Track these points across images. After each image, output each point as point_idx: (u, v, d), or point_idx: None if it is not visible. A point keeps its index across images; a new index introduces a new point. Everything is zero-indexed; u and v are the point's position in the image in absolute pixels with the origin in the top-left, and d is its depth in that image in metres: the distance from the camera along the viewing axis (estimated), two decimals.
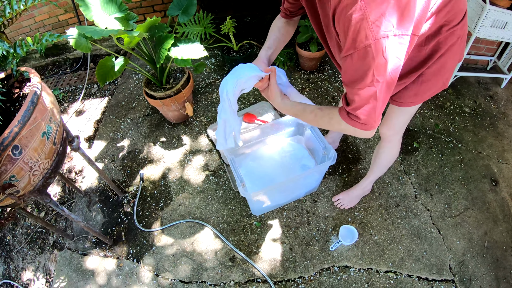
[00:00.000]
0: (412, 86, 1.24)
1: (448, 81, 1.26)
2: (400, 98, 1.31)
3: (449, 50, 1.13)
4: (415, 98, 1.28)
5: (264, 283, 1.83)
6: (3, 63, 1.33)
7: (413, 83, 1.23)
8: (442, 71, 1.19)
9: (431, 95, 1.29)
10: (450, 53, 1.14)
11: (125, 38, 1.88)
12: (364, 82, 0.85)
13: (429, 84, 1.22)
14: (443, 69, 1.18)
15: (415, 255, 1.86)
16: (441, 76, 1.21)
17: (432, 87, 1.24)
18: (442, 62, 1.16)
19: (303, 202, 2.11)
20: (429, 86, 1.23)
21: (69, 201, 2.34)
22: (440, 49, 1.10)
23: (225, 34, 2.79)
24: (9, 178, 1.22)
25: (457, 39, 1.11)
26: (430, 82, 1.21)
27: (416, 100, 1.30)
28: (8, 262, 2.17)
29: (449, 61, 1.17)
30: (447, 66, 1.19)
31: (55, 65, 3.70)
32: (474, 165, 2.20)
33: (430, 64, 1.14)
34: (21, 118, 1.20)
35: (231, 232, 2.02)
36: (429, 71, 1.18)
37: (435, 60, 1.14)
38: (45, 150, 1.34)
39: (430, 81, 1.21)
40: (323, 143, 1.82)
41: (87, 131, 2.79)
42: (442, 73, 1.20)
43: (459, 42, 1.14)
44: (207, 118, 2.65)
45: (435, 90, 1.27)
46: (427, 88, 1.24)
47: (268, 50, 1.35)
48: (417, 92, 1.25)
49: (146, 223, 2.12)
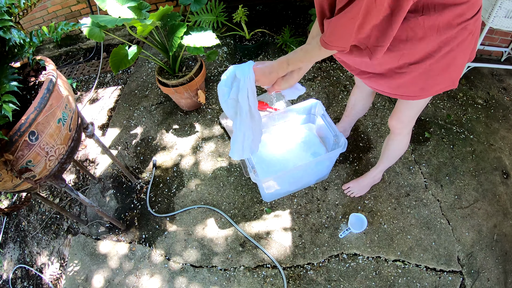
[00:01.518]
0: (419, 80, 1.22)
1: (457, 80, 1.24)
2: (406, 92, 1.29)
3: (460, 45, 1.10)
4: (421, 92, 1.26)
5: (273, 269, 1.86)
6: (19, 52, 1.36)
7: (419, 77, 1.20)
8: (451, 67, 1.17)
9: (438, 91, 1.27)
10: (461, 49, 1.12)
11: (138, 27, 1.91)
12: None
13: (436, 79, 1.20)
14: (452, 65, 1.16)
15: (423, 245, 1.86)
16: (449, 73, 1.19)
17: (440, 82, 1.23)
18: (452, 57, 1.13)
19: (314, 189, 2.12)
20: (436, 81, 1.21)
21: (83, 187, 2.39)
22: (449, 43, 1.08)
23: (237, 23, 2.80)
24: (26, 163, 1.26)
25: (468, 34, 1.09)
26: (437, 77, 1.20)
27: (422, 94, 1.28)
28: (23, 247, 2.24)
29: (458, 57, 1.15)
30: (457, 63, 1.17)
31: (69, 55, 3.76)
32: (486, 157, 2.19)
33: (437, 57, 1.12)
34: (37, 105, 1.23)
35: (241, 218, 2.06)
36: (437, 66, 1.15)
37: (444, 55, 1.11)
38: (60, 136, 1.38)
39: (438, 77, 1.19)
40: (334, 131, 1.83)
41: (101, 119, 2.84)
42: (451, 69, 1.18)
43: (470, 39, 1.11)
44: (219, 105, 2.67)
45: (443, 87, 1.25)
46: (434, 83, 1.22)
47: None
48: (423, 87, 1.24)
49: (158, 208, 2.17)
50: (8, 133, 1.17)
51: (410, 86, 1.26)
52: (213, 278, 1.86)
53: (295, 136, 2.16)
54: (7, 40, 1.28)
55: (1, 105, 1.16)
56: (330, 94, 2.62)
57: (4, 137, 1.13)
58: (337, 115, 2.47)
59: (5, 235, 2.32)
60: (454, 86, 1.25)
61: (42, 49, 3.77)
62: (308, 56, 1.20)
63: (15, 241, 2.28)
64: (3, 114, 1.15)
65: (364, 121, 2.41)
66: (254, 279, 1.83)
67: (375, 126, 2.37)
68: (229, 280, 1.85)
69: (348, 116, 2.07)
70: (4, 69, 1.28)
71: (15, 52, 1.35)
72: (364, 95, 1.86)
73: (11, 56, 1.35)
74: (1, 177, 1.23)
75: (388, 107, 2.47)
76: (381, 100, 2.52)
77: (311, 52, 1.17)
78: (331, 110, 2.52)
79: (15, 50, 1.35)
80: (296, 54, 1.22)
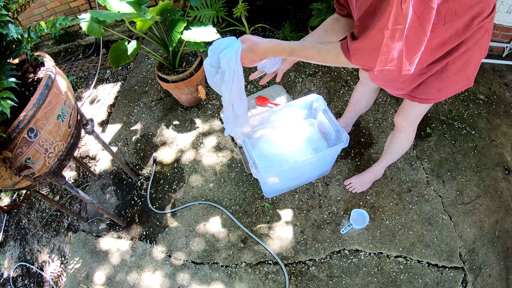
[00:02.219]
0: (436, 81, 1.19)
1: (473, 77, 1.21)
2: (422, 94, 1.26)
3: (476, 44, 1.09)
4: (438, 94, 1.24)
5: (275, 265, 1.86)
6: (17, 47, 1.35)
7: (436, 79, 1.18)
8: (467, 66, 1.15)
9: (454, 92, 1.24)
10: (477, 47, 1.10)
11: (137, 22, 1.89)
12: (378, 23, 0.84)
13: (453, 79, 1.18)
14: (468, 64, 1.15)
15: (425, 241, 1.86)
16: (466, 72, 1.17)
17: (457, 83, 1.20)
18: (468, 56, 1.11)
19: (315, 185, 2.12)
20: (453, 81, 1.19)
21: (83, 184, 2.38)
22: (466, 42, 1.06)
23: (238, 18, 2.77)
24: (25, 160, 1.25)
25: (485, 32, 1.07)
26: (454, 77, 1.17)
27: (439, 96, 1.25)
28: (24, 245, 2.23)
29: (475, 56, 1.13)
30: (473, 61, 1.15)
31: (68, 51, 3.73)
32: (487, 153, 2.18)
33: (454, 56, 1.10)
34: (36, 101, 1.22)
35: (243, 214, 2.05)
36: (454, 66, 1.14)
37: (461, 54, 1.09)
38: (60, 133, 1.36)
39: (455, 77, 1.17)
40: (336, 126, 1.82)
41: (100, 116, 2.83)
42: (468, 68, 1.16)
43: (486, 36, 1.10)
44: (220, 101, 2.65)
45: (460, 87, 1.23)
46: (451, 83, 1.20)
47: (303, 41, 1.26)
48: (440, 88, 1.21)
49: (159, 205, 2.16)
50: (7, 130, 1.15)
51: (427, 89, 1.23)
52: (214, 275, 1.86)
53: (296, 132, 2.14)
54: (5, 36, 1.26)
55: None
56: (331, 89, 2.60)
57: (2, 134, 1.12)
58: (338, 110, 2.45)
59: (5, 233, 2.32)
60: (470, 84, 1.22)
61: (41, 46, 3.75)
62: (319, 58, 1.07)
63: (15, 239, 2.27)
64: (1, 111, 1.13)
65: (366, 116, 2.40)
66: (256, 276, 1.83)
67: (377, 121, 2.36)
68: (231, 277, 1.84)
69: (350, 111, 2.06)
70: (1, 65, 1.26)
71: (13, 48, 1.34)
72: (368, 92, 1.84)
73: (9, 52, 1.33)
74: (0, 174, 1.21)
75: (389, 103, 2.45)
76: (382, 95, 2.51)
77: (325, 55, 1.05)
78: (332, 106, 2.50)
79: (12, 46, 1.33)
80: (306, 49, 1.07)
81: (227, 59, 1.17)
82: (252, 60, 1.17)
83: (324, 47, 1.04)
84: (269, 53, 1.14)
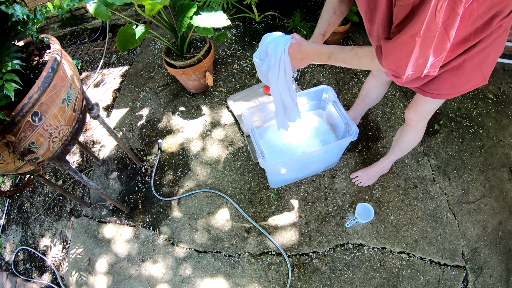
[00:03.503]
0: (451, 77, 1.19)
1: (488, 76, 1.20)
2: (437, 89, 1.26)
3: (494, 42, 1.08)
4: (452, 90, 1.23)
5: (278, 256, 1.85)
6: (23, 29, 1.31)
7: (452, 75, 1.18)
8: (484, 64, 1.14)
9: (469, 89, 1.24)
10: (495, 45, 1.10)
11: (146, 5, 1.85)
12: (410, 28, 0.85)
13: (469, 76, 1.18)
14: (485, 62, 1.14)
15: (429, 238, 1.85)
16: (482, 70, 1.16)
17: (472, 79, 1.20)
18: (486, 54, 1.11)
19: (321, 177, 2.10)
20: (468, 78, 1.19)
21: (87, 169, 2.38)
22: (485, 40, 1.05)
23: (248, 5, 2.73)
24: (29, 144, 1.23)
25: (503, 31, 1.07)
26: (470, 74, 1.17)
27: (454, 92, 1.25)
28: (26, 229, 2.23)
29: (492, 54, 1.13)
30: (489, 59, 1.15)
31: (73, 35, 3.69)
32: (494, 153, 2.15)
33: (472, 53, 1.09)
34: (41, 85, 1.19)
35: (247, 203, 2.04)
36: (470, 63, 1.13)
37: (479, 51, 1.08)
38: (65, 117, 1.34)
39: (471, 74, 1.16)
40: (345, 118, 1.79)
41: (105, 100, 2.80)
42: (484, 66, 1.15)
43: (504, 35, 1.09)
44: (227, 88, 2.63)
45: (474, 84, 1.22)
46: (466, 80, 1.19)
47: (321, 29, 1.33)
48: (455, 84, 1.21)
49: (163, 192, 2.15)
50: (10, 113, 1.13)
51: (441, 85, 1.22)
52: (217, 264, 1.85)
53: (304, 123, 2.12)
54: (10, 15, 1.22)
55: (3, 84, 1.11)
56: (340, 81, 2.57)
57: (6, 118, 1.09)
58: (347, 103, 2.43)
59: (7, 217, 2.32)
60: (485, 82, 1.22)
61: (47, 29, 3.70)
62: (357, 61, 1.09)
63: (17, 222, 2.27)
64: (5, 94, 1.11)
65: (374, 110, 2.37)
66: (259, 266, 1.83)
67: (385, 115, 2.33)
68: (234, 266, 1.84)
69: (360, 104, 2.03)
70: (6, 47, 1.24)
71: (18, 29, 1.31)
72: (379, 85, 1.82)
73: (13, 34, 1.30)
74: (3, 159, 1.20)
75: (398, 97, 2.42)
76: (392, 89, 2.48)
77: (361, 58, 1.07)
78: (340, 97, 2.47)
79: (18, 27, 1.30)
80: (343, 52, 1.11)
81: (274, 45, 1.22)
82: (297, 57, 1.23)
83: (360, 50, 1.07)
84: (311, 54, 1.20)
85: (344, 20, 2.59)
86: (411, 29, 0.85)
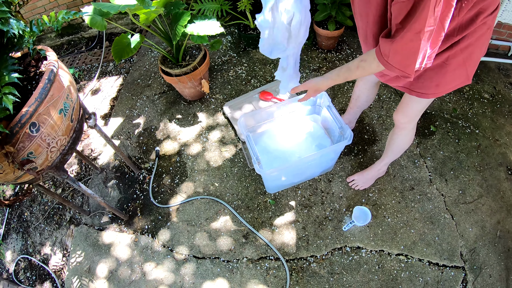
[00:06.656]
0: (435, 76, 1.20)
1: (472, 74, 1.22)
2: (422, 88, 1.28)
3: (478, 40, 1.09)
4: (436, 89, 1.25)
5: (276, 261, 1.86)
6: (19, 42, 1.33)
7: (436, 73, 1.20)
8: (467, 62, 1.16)
9: (453, 88, 1.26)
10: (478, 44, 1.11)
11: (141, 15, 1.87)
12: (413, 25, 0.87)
13: (453, 75, 1.19)
14: (469, 60, 1.15)
15: (427, 240, 1.86)
16: (466, 68, 1.18)
17: (456, 78, 1.21)
18: (469, 52, 1.12)
19: (318, 181, 2.11)
20: (452, 77, 1.20)
21: (85, 177, 2.39)
22: (468, 37, 1.07)
23: (242, 12, 2.75)
24: (27, 154, 1.25)
25: (487, 29, 1.08)
26: (454, 73, 1.18)
27: (438, 92, 1.27)
28: (26, 237, 2.24)
29: (475, 52, 1.14)
30: (473, 58, 1.16)
31: (71, 44, 3.72)
32: (491, 152, 2.16)
33: (455, 50, 1.11)
34: (38, 96, 1.21)
35: (245, 209, 2.05)
36: (454, 61, 1.14)
37: (462, 49, 1.10)
38: (62, 127, 1.36)
39: (454, 72, 1.18)
40: (339, 123, 1.81)
41: (103, 109, 2.82)
42: (468, 64, 1.17)
43: (487, 34, 1.11)
44: (223, 95, 2.64)
45: (458, 83, 1.24)
46: (451, 79, 1.21)
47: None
48: (439, 83, 1.23)
49: (161, 199, 2.16)
50: (9, 125, 1.15)
51: (425, 83, 1.24)
52: (216, 270, 1.86)
53: (300, 127, 2.13)
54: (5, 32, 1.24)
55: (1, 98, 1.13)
56: (335, 85, 2.58)
57: (5, 130, 1.11)
58: (342, 107, 2.44)
59: (7, 226, 2.33)
60: (469, 81, 1.24)
61: (44, 38, 3.72)
62: (366, 73, 1.19)
63: (17, 231, 2.28)
64: (4, 106, 1.13)
65: (370, 113, 2.38)
66: (257, 271, 1.84)
67: (381, 118, 2.35)
68: (232, 272, 1.85)
69: (352, 107, 2.04)
70: (3, 60, 1.25)
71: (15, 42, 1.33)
72: (368, 87, 1.84)
73: (10, 46, 1.32)
74: (3, 169, 1.21)
75: (393, 100, 2.44)
76: (386, 92, 2.49)
77: (369, 69, 1.15)
78: (336, 102, 2.49)
79: (14, 40, 1.32)
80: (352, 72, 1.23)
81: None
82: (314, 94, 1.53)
83: (364, 63, 1.15)
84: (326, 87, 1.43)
85: (338, 25, 2.62)
86: (414, 26, 0.87)
